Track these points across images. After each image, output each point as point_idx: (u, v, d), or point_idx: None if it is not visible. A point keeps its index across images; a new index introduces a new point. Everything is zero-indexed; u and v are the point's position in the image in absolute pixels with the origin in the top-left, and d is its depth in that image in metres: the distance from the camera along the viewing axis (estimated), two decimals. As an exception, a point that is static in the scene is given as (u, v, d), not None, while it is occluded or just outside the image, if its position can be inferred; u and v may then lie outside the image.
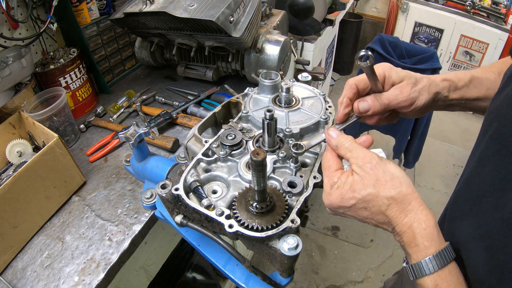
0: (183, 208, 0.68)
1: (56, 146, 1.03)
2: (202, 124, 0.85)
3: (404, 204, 0.55)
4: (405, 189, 0.55)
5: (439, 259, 0.52)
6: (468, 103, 0.76)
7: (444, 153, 3.51)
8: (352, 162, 0.60)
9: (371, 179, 0.56)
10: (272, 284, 0.69)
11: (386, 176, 0.56)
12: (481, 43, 3.63)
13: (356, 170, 0.58)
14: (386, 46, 2.36)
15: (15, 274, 0.94)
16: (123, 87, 1.70)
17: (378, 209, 0.56)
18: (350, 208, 0.58)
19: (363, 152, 0.59)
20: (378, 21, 4.64)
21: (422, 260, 0.52)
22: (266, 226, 0.58)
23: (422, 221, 0.54)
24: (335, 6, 2.60)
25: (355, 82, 0.71)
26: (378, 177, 0.56)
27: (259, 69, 1.52)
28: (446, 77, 0.74)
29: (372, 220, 0.58)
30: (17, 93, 1.25)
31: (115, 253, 0.96)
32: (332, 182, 0.60)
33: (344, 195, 0.57)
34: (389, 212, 0.55)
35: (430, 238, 0.53)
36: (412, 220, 0.54)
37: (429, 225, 0.53)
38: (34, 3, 1.33)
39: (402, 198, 0.55)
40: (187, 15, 1.23)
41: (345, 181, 0.58)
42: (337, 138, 0.63)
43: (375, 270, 2.48)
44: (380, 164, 0.57)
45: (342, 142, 0.62)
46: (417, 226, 0.53)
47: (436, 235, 0.54)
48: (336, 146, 0.63)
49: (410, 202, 0.55)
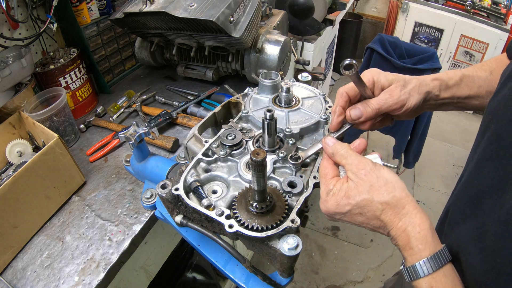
0: (183, 208, 0.68)
1: (56, 146, 1.03)
2: (202, 124, 0.85)
3: (398, 208, 0.56)
4: (399, 193, 0.56)
5: (433, 262, 0.52)
6: (460, 102, 0.76)
7: (444, 153, 3.51)
8: (347, 168, 0.61)
9: (365, 185, 0.57)
10: (272, 284, 0.69)
11: (380, 181, 0.57)
12: (481, 43, 3.63)
13: (351, 177, 0.59)
14: (386, 46, 2.36)
15: (15, 274, 0.94)
16: (123, 87, 1.70)
17: (373, 214, 0.57)
18: (346, 214, 0.59)
19: (357, 159, 0.61)
20: (378, 21, 4.64)
21: (417, 263, 0.53)
22: (266, 226, 0.58)
23: (416, 224, 0.54)
24: (335, 6, 2.60)
25: (345, 91, 0.73)
26: (372, 182, 0.57)
27: (259, 69, 1.52)
28: (436, 77, 0.74)
29: (368, 225, 0.59)
30: (17, 93, 1.25)
31: (115, 253, 0.96)
32: (328, 189, 0.61)
33: (340, 202, 0.59)
34: (383, 216, 0.56)
35: (424, 241, 0.53)
36: (407, 223, 0.55)
37: (423, 228, 0.54)
38: (34, 3, 1.33)
39: (396, 202, 0.56)
40: (187, 15, 1.23)
41: (340, 188, 0.60)
42: (333, 146, 0.65)
43: (375, 270, 2.48)
44: (374, 170, 0.59)
45: (338, 150, 0.64)
46: (411, 229, 0.54)
47: (431, 237, 0.54)
48: (332, 154, 0.64)
49: (404, 206, 0.56)
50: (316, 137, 0.79)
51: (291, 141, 0.74)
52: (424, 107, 0.75)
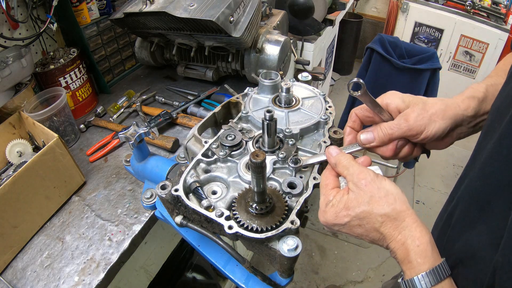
0: (183, 209, 0.68)
1: (56, 146, 1.03)
2: (202, 124, 0.85)
3: (398, 221, 0.55)
4: (399, 206, 0.55)
5: (432, 276, 0.51)
6: None
7: (444, 153, 3.51)
8: (348, 179, 0.60)
9: (366, 196, 0.56)
10: (272, 285, 0.69)
11: (380, 192, 0.56)
12: (481, 43, 3.62)
13: (352, 188, 0.58)
14: (386, 46, 2.35)
15: (15, 274, 0.94)
16: (123, 87, 1.70)
17: (372, 226, 0.56)
18: (345, 226, 0.58)
19: (359, 169, 0.60)
20: (378, 21, 4.63)
21: (415, 277, 0.52)
22: (266, 227, 0.58)
23: (416, 238, 0.53)
24: (335, 6, 2.60)
25: (354, 111, 0.70)
26: (373, 193, 0.56)
27: (259, 69, 1.52)
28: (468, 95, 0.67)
29: (367, 237, 0.58)
30: (17, 93, 1.25)
31: (115, 253, 0.96)
32: (327, 200, 0.60)
33: (338, 213, 0.58)
34: (383, 229, 0.55)
35: (424, 255, 0.53)
36: (406, 237, 0.54)
37: (422, 242, 0.53)
38: (34, 3, 1.33)
39: (396, 215, 0.55)
40: (187, 15, 1.23)
41: (340, 200, 0.58)
42: (336, 156, 0.64)
43: (375, 270, 2.48)
44: (376, 180, 0.58)
45: (341, 160, 0.62)
46: (410, 243, 0.53)
47: (430, 251, 0.53)
48: (335, 164, 0.63)
49: (404, 219, 0.55)
50: (316, 138, 0.79)
51: (291, 141, 0.74)
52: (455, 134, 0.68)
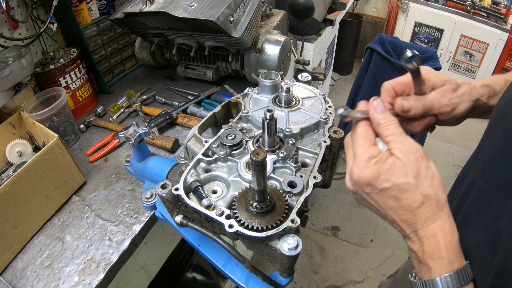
0: (183, 208, 0.68)
1: (56, 146, 1.03)
2: (202, 124, 0.85)
3: (437, 208, 0.50)
4: (441, 193, 0.51)
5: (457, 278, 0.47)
6: None
7: (444, 153, 3.51)
8: (393, 146, 0.53)
9: (414, 169, 0.50)
10: (272, 284, 0.69)
11: (428, 172, 0.51)
12: (481, 43, 3.63)
13: (398, 155, 0.51)
14: (386, 46, 2.36)
15: (15, 274, 0.94)
16: (123, 87, 1.70)
17: (408, 203, 0.50)
18: (380, 192, 0.51)
19: (409, 141, 0.52)
20: (378, 21, 4.63)
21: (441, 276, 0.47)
22: (266, 226, 0.58)
23: (449, 232, 0.49)
24: (335, 6, 2.60)
25: (391, 86, 0.64)
26: (420, 170, 0.50)
27: (259, 69, 1.52)
28: (484, 83, 0.68)
29: (394, 214, 0.52)
30: (17, 93, 1.25)
31: (115, 253, 0.96)
32: (370, 154, 0.53)
33: (381, 174, 0.50)
34: (419, 211, 0.50)
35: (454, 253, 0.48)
36: (439, 228, 0.49)
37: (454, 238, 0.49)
38: (34, 3, 1.33)
39: (437, 200, 0.50)
40: (187, 15, 1.23)
41: (386, 160, 0.51)
42: (384, 115, 0.55)
43: (375, 270, 2.48)
44: (424, 158, 0.52)
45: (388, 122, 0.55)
46: (442, 235, 0.49)
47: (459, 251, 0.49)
48: (379, 124, 0.55)
49: (443, 208, 0.50)
50: (316, 137, 0.79)
51: (291, 141, 0.74)
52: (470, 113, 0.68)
